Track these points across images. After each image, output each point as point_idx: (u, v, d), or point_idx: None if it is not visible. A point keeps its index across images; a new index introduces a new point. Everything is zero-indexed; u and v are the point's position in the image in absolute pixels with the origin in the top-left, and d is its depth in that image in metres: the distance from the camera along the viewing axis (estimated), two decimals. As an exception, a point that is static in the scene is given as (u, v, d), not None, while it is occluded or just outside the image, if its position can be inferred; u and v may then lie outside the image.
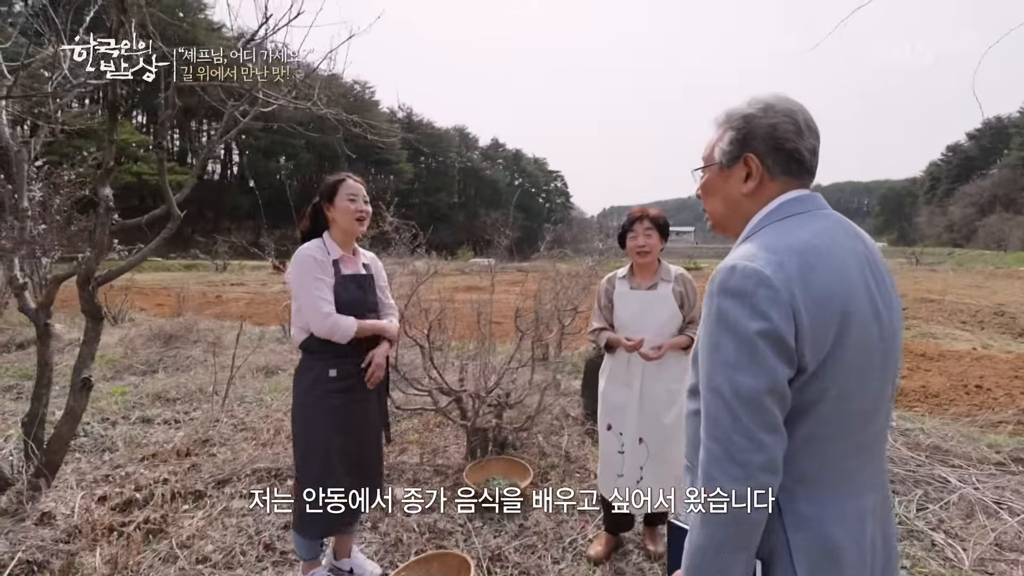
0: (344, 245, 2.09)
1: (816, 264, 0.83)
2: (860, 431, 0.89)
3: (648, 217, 2.29)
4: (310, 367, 2.04)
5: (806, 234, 0.87)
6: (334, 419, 2.01)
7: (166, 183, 2.95)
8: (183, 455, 3.31)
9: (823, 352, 0.82)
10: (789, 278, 0.81)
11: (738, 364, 0.81)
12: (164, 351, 5.75)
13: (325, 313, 1.93)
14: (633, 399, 2.34)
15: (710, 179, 1.03)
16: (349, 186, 2.06)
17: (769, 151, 0.93)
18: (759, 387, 0.80)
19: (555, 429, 3.83)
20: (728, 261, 0.87)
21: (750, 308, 0.81)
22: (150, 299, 12.18)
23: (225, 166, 57.55)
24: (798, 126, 0.93)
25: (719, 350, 0.83)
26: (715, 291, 0.86)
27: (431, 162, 70.72)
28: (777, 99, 0.95)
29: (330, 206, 2.05)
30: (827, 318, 0.82)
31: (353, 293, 2.06)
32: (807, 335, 0.81)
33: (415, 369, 4.10)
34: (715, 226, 1.07)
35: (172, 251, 39.26)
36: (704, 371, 0.86)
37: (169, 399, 4.41)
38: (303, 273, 1.95)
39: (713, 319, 0.85)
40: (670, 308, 2.29)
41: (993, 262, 33.92)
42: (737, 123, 0.96)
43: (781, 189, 0.95)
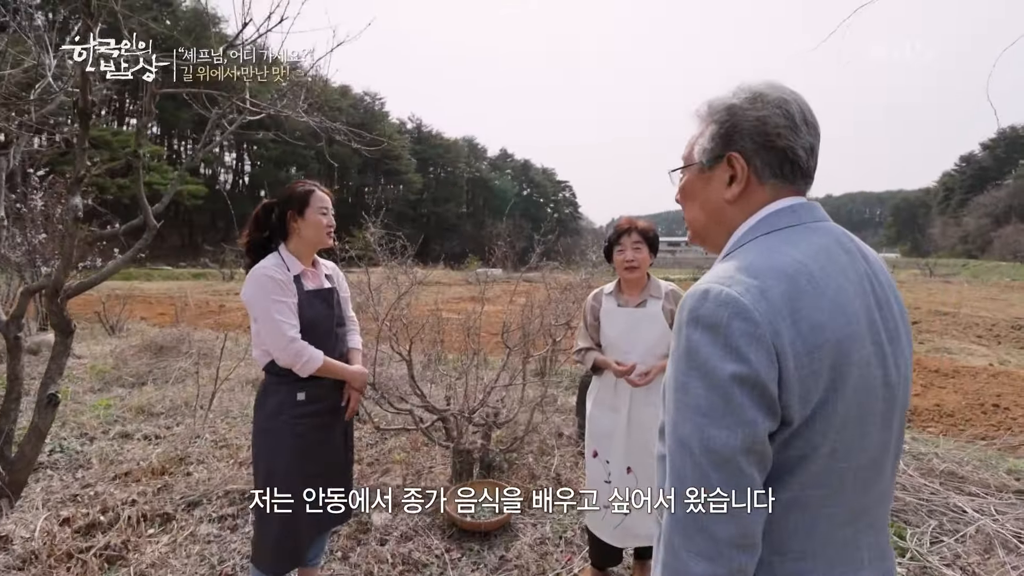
0: (305, 258, 1.93)
1: (807, 291, 0.68)
2: (858, 494, 0.73)
3: (636, 229, 2.15)
4: (275, 390, 1.86)
5: (798, 253, 0.72)
6: (301, 447, 1.84)
7: (141, 192, 2.86)
8: (157, 474, 3.18)
9: (813, 402, 0.67)
10: (773, 309, 0.66)
11: (710, 413, 0.66)
12: (155, 362, 5.65)
13: (289, 338, 1.76)
14: (620, 425, 2.18)
15: (689, 182, 0.87)
16: (320, 198, 1.90)
17: (757, 149, 0.78)
18: (733, 444, 0.65)
19: (547, 449, 3.66)
20: (701, 284, 0.72)
21: (723, 345, 0.66)
22: (153, 308, 12.19)
23: (237, 175, 58.29)
24: (792, 119, 0.77)
25: (687, 393, 0.69)
26: (684, 320, 0.71)
27: (440, 172, 71.11)
28: (768, 87, 0.79)
29: (299, 217, 1.88)
30: (819, 360, 0.66)
31: (319, 310, 1.91)
32: (793, 381, 0.66)
33: (402, 384, 3.97)
34: (694, 237, 0.91)
35: (182, 260, 39.72)
36: (670, 416, 0.72)
37: (153, 413, 4.30)
38: (261, 295, 1.77)
39: (682, 354, 0.71)
40: (660, 327, 2.13)
41: (1009, 274, 33.25)
42: (720, 115, 0.80)
43: (771, 195, 0.79)
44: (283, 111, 3.43)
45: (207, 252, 34.62)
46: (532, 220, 55.39)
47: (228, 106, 3.41)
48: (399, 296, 3.03)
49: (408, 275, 3.24)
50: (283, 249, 1.90)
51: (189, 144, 50.98)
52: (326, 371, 1.84)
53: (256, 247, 1.93)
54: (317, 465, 1.88)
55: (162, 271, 27.99)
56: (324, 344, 1.88)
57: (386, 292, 3.95)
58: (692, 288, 0.73)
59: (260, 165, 55.00)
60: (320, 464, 1.89)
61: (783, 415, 0.67)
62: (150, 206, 2.91)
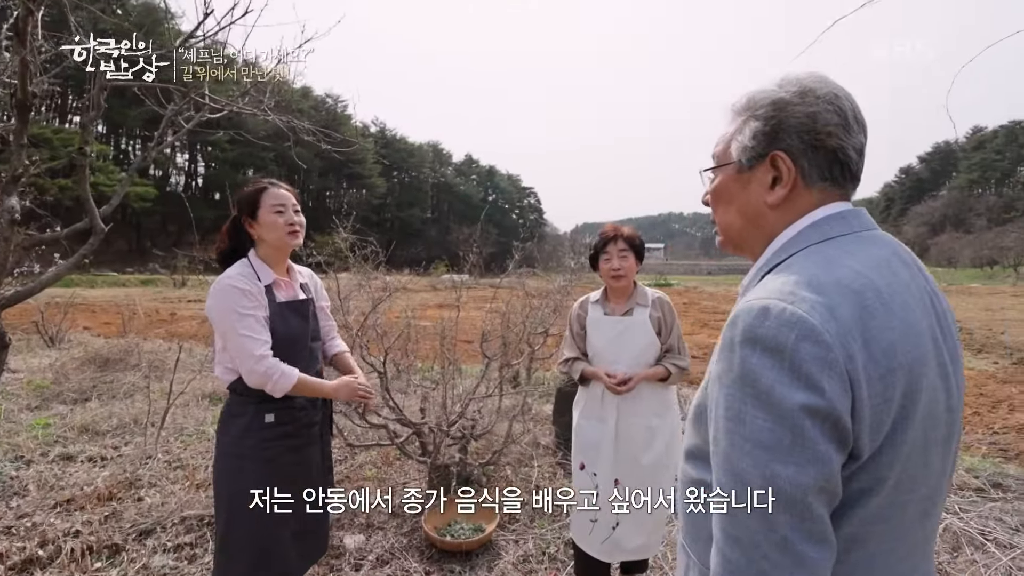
0: (276, 265, 1.75)
1: (876, 309, 0.61)
2: (916, 527, 0.68)
3: (622, 237, 2.10)
4: (240, 412, 1.68)
5: (859, 265, 0.65)
6: (271, 474, 1.65)
7: (88, 193, 2.64)
8: (104, 499, 2.92)
9: (883, 432, 0.61)
10: (843, 330, 0.59)
11: (774, 448, 0.58)
12: (100, 376, 5.26)
13: (258, 356, 1.57)
14: (608, 436, 2.12)
15: (724, 183, 0.80)
16: (274, 195, 1.70)
17: (805, 149, 0.71)
18: (804, 483, 0.57)
19: (524, 460, 3.58)
20: (756, 299, 0.64)
21: (790, 371, 0.58)
22: (97, 317, 11.45)
23: (189, 177, 55.90)
24: (844, 116, 0.70)
25: (744, 423, 0.61)
26: (738, 340, 0.63)
27: (404, 177, 70.28)
28: (818, 81, 0.72)
29: (253, 221, 1.69)
30: (891, 387, 0.60)
31: (293, 324, 1.73)
32: (865, 411, 0.59)
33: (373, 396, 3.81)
34: (726, 243, 0.84)
35: (129, 265, 37.74)
36: (722, 449, 0.63)
37: (98, 432, 3.97)
38: (226, 308, 1.59)
39: (736, 379, 0.62)
40: (647, 335, 2.09)
41: (945, 279, 35.41)
42: (764, 110, 0.73)
43: (818, 200, 0.73)
44: (246, 109, 3.25)
45: (157, 257, 32.99)
46: (497, 226, 55.45)
47: (185, 102, 3.21)
48: (375, 304, 2.89)
49: (383, 282, 3.10)
50: (252, 256, 1.73)
51: (138, 144, 48.64)
52: (302, 389, 1.67)
53: (227, 257, 1.76)
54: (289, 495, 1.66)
55: (107, 277, 26.43)
56: (298, 362, 1.72)
57: (356, 299, 3.79)
58: (746, 304, 0.64)
59: (215, 167, 52.91)
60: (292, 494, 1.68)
61: (852, 447, 0.60)
62: (97, 208, 2.69)
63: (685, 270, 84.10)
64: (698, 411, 0.76)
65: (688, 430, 0.80)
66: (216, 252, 1.79)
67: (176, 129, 3.42)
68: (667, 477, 2.14)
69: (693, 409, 0.77)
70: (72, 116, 44.38)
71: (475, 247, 3.89)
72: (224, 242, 1.77)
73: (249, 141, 4.34)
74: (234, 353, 1.61)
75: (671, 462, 2.15)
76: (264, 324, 1.64)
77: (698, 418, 0.76)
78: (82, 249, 2.65)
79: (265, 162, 51.65)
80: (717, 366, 0.66)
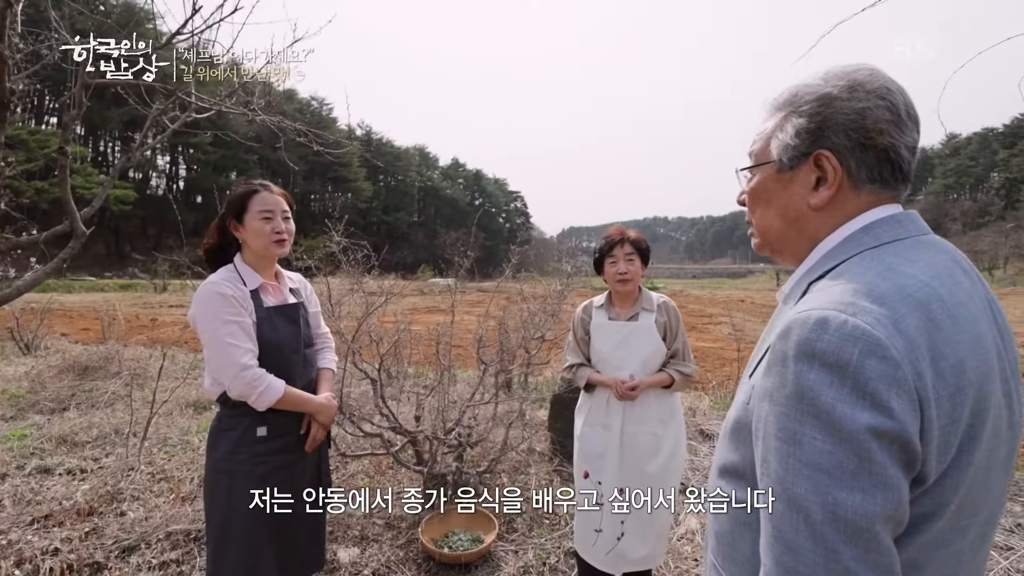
0: (263, 270, 1.68)
1: (943, 322, 0.57)
2: (975, 551, 0.64)
3: (629, 240, 2.06)
4: (231, 425, 1.60)
5: (921, 273, 0.60)
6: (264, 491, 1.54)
7: (68, 195, 2.53)
8: (84, 515, 2.79)
9: (951, 454, 0.56)
10: (910, 345, 0.54)
11: (836, 472, 0.53)
12: (78, 385, 5.07)
13: (241, 365, 1.50)
14: (613, 444, 2.07)
15: (762, 183, 0.75)
16: (263, 199, 1.62)
17: (853, 148, 0.66)
18: (872, 511, 0.52)
19: (520, 467, 3.52)
20: (811, 309, 0.58)
21: (853, 389, 0.53)
22: (75, 323, 11.15)
23: (171, 180, 54.92)
24: (896, 112, 0.66)
25: (801, 445, 0.56)
26: (791, 353, 0.58)
27: (390, 180, 69.91)
28: (868, 74, 0.67)
29: (238, 225, 1.62)
30: (960, 406, 0.56)
31: (283, 330, 1.65)
32: (934, 433, 0.54)
33: (366, 403, 3.72)
34: (762, 246, 0.79)
35: (108, 270, 36.91)
36: (774, 471, 0.58)
37: (77, 443, 3.82)
38: (209, 315, 1.52)
39: (790, 397, 0.57)
40: (653, 341, 2.05)
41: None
42: (809, 106, 0.68)
43: (867, 203, 0.68)
44: (234, 109, 3.15)
45: (136, 261, 32.26)
46: (484, 230, 55.35)
47: (170, 102, 3.10)
48: (372, 309, 2.81)
49: (377, 286, 3.03)
50: (239, 260, 1.66)
51: (118, 146, 47.68)
52: (287, 403, 1.59)
53: (215, 255, 1.69)
54: (287, 518, 1.59)
55: (85, 282, 25.81)
56: (289, 369, 1.65)
57: (347, 305, 3.70)
58: (800, 315, 0.59)
59: (197, 170, 52.06)
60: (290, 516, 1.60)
61: (919, 471, 0.56)
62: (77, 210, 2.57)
63: (670, 274, 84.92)
64: (736, 427, 0.71)
65: (723, 446, 0.75)
66: (203, 249, 1.71)
67: (160, 130, 3.31)
68: (671, 486, 2.10)
69: (731, 424, 0.73)
70: (49, 117, 43.42)
71: (466, 252, 3.83)
72: (212, 239, 1.69)
73: (232, 144, 4.24)
74: (216, 362, 1.53)
75: (676, 470, 2.11)
76: (250, 332, 1.56)
77: (736, 434, 0.71)
78: (62, 253, 2.53)
79: (248, 165, 50.99)
80: (765, 381, 0.61)
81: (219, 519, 1.58)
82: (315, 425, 1.70)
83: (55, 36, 2.72)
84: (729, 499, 0.72)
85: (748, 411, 0.67)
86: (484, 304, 3.89)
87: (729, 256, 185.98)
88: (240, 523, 1.55)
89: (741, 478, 0.70)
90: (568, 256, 4.87)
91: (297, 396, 1.63)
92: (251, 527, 1.55)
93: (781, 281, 35.61)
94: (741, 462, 0.69)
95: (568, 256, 4.87)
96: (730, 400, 5.11)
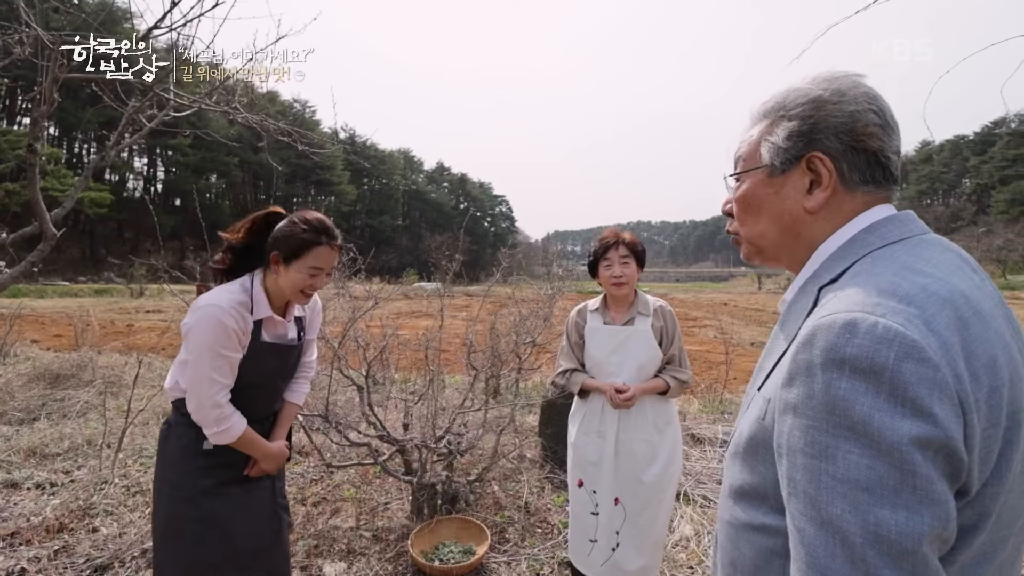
0: (277, 302, 1.55)
1: (971, 320, 0.54)
2: (1013, 562, 0.60)
3: (624, 243, 2.02)
4: (181, 432, 1.49)
5: (939, 271, 0.57)
6: (205, 511, 1.46)
7: (38, 195, 2.41)
8: (54, 531, 2.65)
9: (992, 461, 0.53)
10: (945, 345, 0.51)
11: (876, 489, 0.49)
12: (49, 394, 4.87)
13: (215, 402, 1.42)
14: (608, 452, 2.02)
15: (752, 189, 0.73)
16: (320, 255, 1.47)
17: (845, 150, 0.66)
18: (918, 530, 0.48)
19: (511, 474, 3.45)
20: (835, 313, 0.55)
21: (891, 396, 0.49)
22: (47, 329, 10.77)
23: (148, 182, 53.79)
24: (884, 117, 0.67)
25: (834, 460, 0.51)
26: (819, 361, 0.53)
27: (375, 184, 69.46)
28: (853, 81, 0.68)
29: (283, 265, 1.47)
30: (997, 407, 0.52)
31: (268, 366, 1.54)
32: (977, 439, 0.51)
33: (352, 411, 3.62)
34: (754, 254, 0.77)
35: (82, 274, 35.98)
36: (803, 491, 0.53)
37: (47, 455, 3.65)
38: (205, 341, 1.39)
39: (820, 408, 0.53)
40: (649, 347, 2.01)
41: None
42: (800, 109, 0.68)
43: (863, 204, 0.68)
44: (214, 107, 3.05)
45: (112, 266, 31.49)
46: (470, 233, 55.24)
47: (147, 99, 2.99)
48: (360, 314, 2.73)
49: (365, 291, 2.95)
50: (259, 280, 1.51)
51: (93, 147, 46.56)
52: (237, 445, 1.49)
53: (238, 255, 1.54)
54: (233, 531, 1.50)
55: (58, 287, 25.03)
56: (256, 402, 1.57)
57: (332, 310, 3.61)
58: (824, 319, 0.55)
59: (176, 172, 51.09)
60: (239, 529, 1.51)
61: (963, 482, 0.52)
62: (48, 212, 2.46)
63: (654, 277, 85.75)
64: (751, 445, 0.66)
65: (736, 466, 0.70)
66: (228, 244, 1.54)
67: (137, 128, 3.19)
68: (668, 495, 2.06)
69: (745, 442, 0.67)
70: (21, 118, 42.24)
71: (454, 256, 3.78)
72: (241, 237, 1.53)
73: (212, 146, 4.12)
74: (192, 386, 1.42)
75: (672, 479, 2.07)
76: (235, 367, 1.46)
77: (752, 453, 0.66)
78: (30, 256, 2.42)
79: (229, 167, 50.26)
80: (787, 393, 0.57)
81: (160, 534, 1.50)
82: (257, 468, 1.58)
83: (25, 30, 2.60)
84: (748, 525, 0.67)
85: (765, 427, 0.63)
86: (471, 308, 3.83)
87: (711, 260, 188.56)
88: (180, 542, 1.46)
89: (762, 501, 0.65)
90: (558, 259, 4.84)
91: (249, 441, 1.52)
92: (192, 543, 1.47)
93: (763, 284, 35.97)
94: (761, 483, 0.65)
95: (558, 259, 4.84)
96: (720, 406, 5.11)
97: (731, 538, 0.70)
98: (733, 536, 0.70)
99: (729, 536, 0.71)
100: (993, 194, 60.42)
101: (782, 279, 47.14)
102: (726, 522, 0.72)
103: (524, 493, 3.13)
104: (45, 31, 2.44)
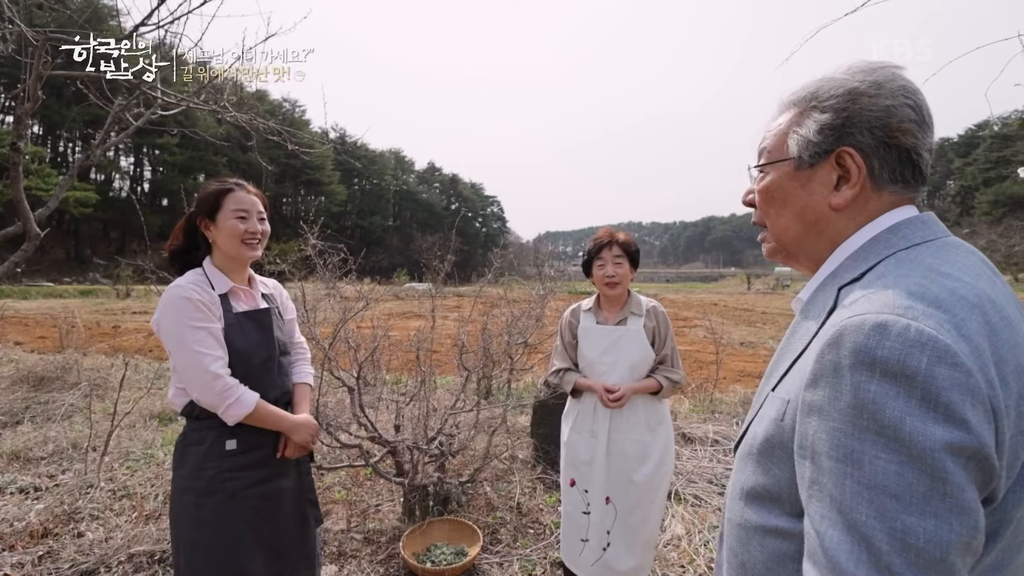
0: (234, 274, 1.57)
1: (999, 325, 0.53)
2: None
3: (617, 243, 2.03)
4: (198, 439, 1.48)
5: (965, 275, 0.56)
6: (235, 512, 1.45)
7: (21, 194, 2.37)
8: (38, 537, 2.60)
9: (1017, 468, 0.52)
10: (976, 350, 0.50)
11: (906, 496, 0.48)
12: (33, 396, 4.79)
13: (213, 374, 1.40)
14: (599, 452, 2.03)
15: (777, 182, 0.71)
16: (238, 198, 1.53)
17: (877, 146, 0.64)
18: (947, 539, 0.47)
19: (502, 475, 3.45)
20: (864, 314, 0.54)
21: (923, 401, 0.48)
22: (30, 331, 10.60)
23: (135, 182, 53.07)
24: (921, 113, 0.64)
25: (861, 466, 0.50)
26: (847, 363, 0.52)
27: (365, 184, 69.10)
28: (891, 73, 0.65)
29: (210, 224, 1.53)
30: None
31: (253, 335, 1.55)
32: (1006, 446, 0.50)
33: (342, 412, 3.59)
34: (776, 251, 0.75)
35: (67, 275, 35.46)
36: (828, 495, 0.52)
37: (31, 459, 3.59)
38: (176, 322, 1.41)
39: (847, 411, 0.52)
40: (642, 347, 2.02)
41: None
42: (834, 101, 0.65)
43: (888, 204, 0.66)
44: (202, 106, 3.02)
45: (98, 266, 31.07)
46: (461, 234, 55.11)
47: (134, 97, 2.95)
48: (351, 315, 2.71)
49: (356, 291, 2.93)
50: (208, 263, 1.55)
51: (78, 146, 45.86)
52: (258, 419, 1.48)
53: (179, 258, 1.58)
54: (260, 534, 1.50)
55: (42, 288, 24.63)
56: (262, 380, 1.54)
57: (322, 310, 3.58)
58: (853, 320, 0.54)
59: (163, 171, 50.46)
60: (265, 533, 1.51)
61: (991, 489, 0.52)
62: (32, 212, 2.41)
63: (645, 278, 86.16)
64: (767, 446, 0.65)
65: (750, 467, 0.69)
66: (168, 251, 1.59)
67: (123, 127, 3.15)
68: (659, 495, 2.07)
69: (760, 444, 0.66)
70: (4, 115, 41.50)
71: (445, 256, 3.77)
72: (178, 240, 1.59)
73: (200, 146, 4.07)
74: (185, 372, 1.42)
75: (664, 479, 2.08)
76: (219, 338, 1.46)
77: (767, 454, 0.65)
78: (13, 256, 2.37)
79: (217, 167, 49.68)
80: (812, 394, 0.56)
81: (187, 542, 1.45)
82: (291, 446, 1.58)
83: (8, 27, 2.55)
84: (760, 527, 0.66)
85: (782, 428, 0.62)
86: (462, 309, 3.81)
87: (701, 260, 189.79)
88: (211, 546, 1.43)
89: (775, 503, 0.64)
90: (549, 260, 4.84)
91: (271, 412, 1.51)
92: (225, 550, 1.44)
93: (752, 284, 36.03)
94: (775, 485, 0.64)
95: (549, 260, 4.84)
96: (710, 406, 5.14)
97: (741, 540, 0.69)
98: (744, 538, 0.68)
99: (739, 538, 0.69)
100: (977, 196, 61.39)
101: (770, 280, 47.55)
102: (736, 524, 0.70)
103: (516, 494, 3.13)
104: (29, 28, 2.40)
